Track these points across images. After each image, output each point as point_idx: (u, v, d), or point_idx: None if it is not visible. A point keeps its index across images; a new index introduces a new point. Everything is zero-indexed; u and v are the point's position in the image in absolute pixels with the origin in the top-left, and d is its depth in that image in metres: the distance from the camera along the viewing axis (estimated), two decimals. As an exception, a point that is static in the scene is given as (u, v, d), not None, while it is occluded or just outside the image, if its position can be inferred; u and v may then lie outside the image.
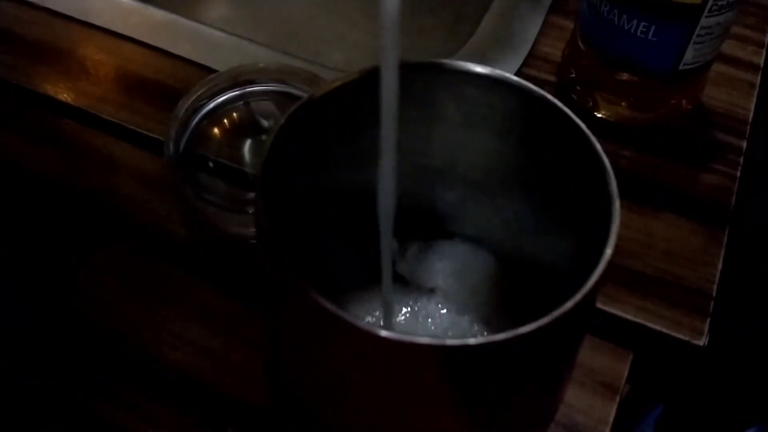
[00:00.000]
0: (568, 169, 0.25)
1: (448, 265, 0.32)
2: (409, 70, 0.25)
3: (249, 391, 0.32)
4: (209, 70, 0.43)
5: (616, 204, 0.22)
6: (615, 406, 0.32)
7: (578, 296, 0.20)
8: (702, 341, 0.34)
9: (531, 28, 0.45)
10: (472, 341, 0.19)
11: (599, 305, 0.34)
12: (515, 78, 0.25)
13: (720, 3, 0.35)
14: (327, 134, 0.25)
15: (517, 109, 0.25)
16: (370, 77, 0.25)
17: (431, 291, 0.32)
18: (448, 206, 0.31)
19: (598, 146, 0.24)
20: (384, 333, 0.19)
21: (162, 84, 0.43)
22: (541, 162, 0.26)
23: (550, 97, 0.24)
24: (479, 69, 0.25)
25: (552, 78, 0.43)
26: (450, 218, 0.31)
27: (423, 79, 0.25)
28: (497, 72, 0.25)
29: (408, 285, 0.32)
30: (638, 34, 0.36)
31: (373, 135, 0.23)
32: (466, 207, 0.30)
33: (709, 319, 0.34)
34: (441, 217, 0.31)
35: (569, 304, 0.19)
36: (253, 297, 0.35)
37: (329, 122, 0.25)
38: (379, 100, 0.21)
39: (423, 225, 0.31)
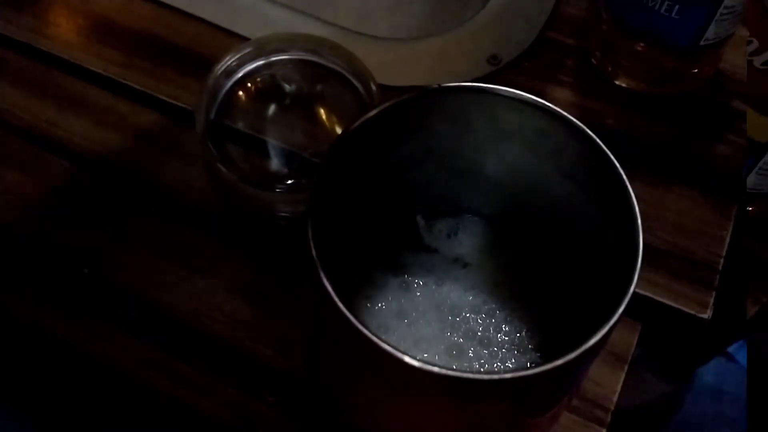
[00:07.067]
0: (592, 188, 0.27)
1: (472, 241, 0.35)
2: (444, 92, 0.26)
3: (287, 362, 0.34)
4: (232, 34, 0.44)
5: (639, 239, 0.23)
6: (623, 376, 0.35)
7: (600, 334, 0.22)
8: (707, 314, 0.36)
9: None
10: (507, 375, 0.21)
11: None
12: (539, 100, 0.26)
13: (745, -15, 0.35)
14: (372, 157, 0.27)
15: (542, 127, 0.27)
16: (409, 101, 0.26)
17: (455, 263, 0.34)
18: (475, 198, 0.32)
19: (621, 172, 0.25)
20: (412, 362, 0.21)
21: (186, 49, 0.43)
22: (565, 175, 0.28)
23: (574, 120, 0.26)
24: (507, 92, 0.26)
25: (573, 42, 0.43)
26: (476, 206, 0.33)
27: (457, 98, 0.26)
28: (523, 95, 0.26)
29: (433, 257, 0.34)
30: (662, 11, 0.37)
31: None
32: (491, 199, 0.32)
33: (714, 292, 0.36)
34: (467, 205, 0.33)
35: (591, 342, 0.22)
36: (285, 271, 0.37)
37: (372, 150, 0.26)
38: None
39: (451, 210, 0.33)
